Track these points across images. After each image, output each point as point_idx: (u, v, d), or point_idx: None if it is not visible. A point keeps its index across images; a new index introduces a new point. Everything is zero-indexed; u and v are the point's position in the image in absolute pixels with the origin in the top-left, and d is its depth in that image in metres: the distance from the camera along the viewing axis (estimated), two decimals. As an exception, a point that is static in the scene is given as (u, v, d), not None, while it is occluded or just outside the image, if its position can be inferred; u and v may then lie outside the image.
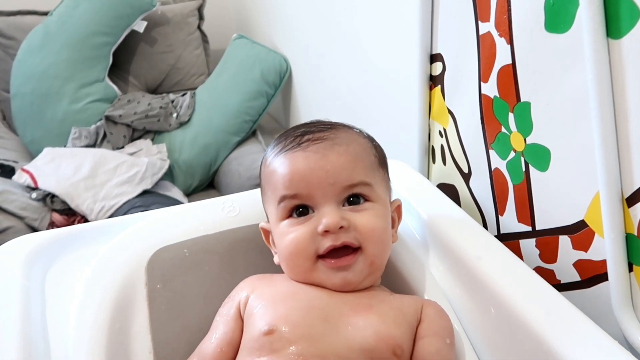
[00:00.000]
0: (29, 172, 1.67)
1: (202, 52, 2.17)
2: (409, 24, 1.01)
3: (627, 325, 0.64)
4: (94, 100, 1.88)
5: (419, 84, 0.97)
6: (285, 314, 0.62)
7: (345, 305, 0.64)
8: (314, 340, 0.60)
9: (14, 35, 1.95)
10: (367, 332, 0.61)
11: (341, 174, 0.65)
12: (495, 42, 0.77)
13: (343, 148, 0.67)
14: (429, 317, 0.66)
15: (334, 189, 0.65)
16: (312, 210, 0.66)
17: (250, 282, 0.70)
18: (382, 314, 0.64)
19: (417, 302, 0.67)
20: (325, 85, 1.64)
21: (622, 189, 0.63)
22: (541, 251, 0.78)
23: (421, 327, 0.65)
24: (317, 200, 0.65)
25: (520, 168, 0.78)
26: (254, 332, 0.62)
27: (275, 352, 0.60)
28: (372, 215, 0.66)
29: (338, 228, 0.63)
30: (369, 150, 0.70)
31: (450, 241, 0.75)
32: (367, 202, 0.67)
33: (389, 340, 0.62)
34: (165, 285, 0.71)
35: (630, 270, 0.65)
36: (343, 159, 0.66)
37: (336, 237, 0.64)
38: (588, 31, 0.60)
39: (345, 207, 0.66)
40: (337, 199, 0.65)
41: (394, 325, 0.63)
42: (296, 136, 0.69)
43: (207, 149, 1.85)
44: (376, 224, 0.66)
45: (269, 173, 0.69)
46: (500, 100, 0.78)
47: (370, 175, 0.68)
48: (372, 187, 0.67)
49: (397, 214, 0.74)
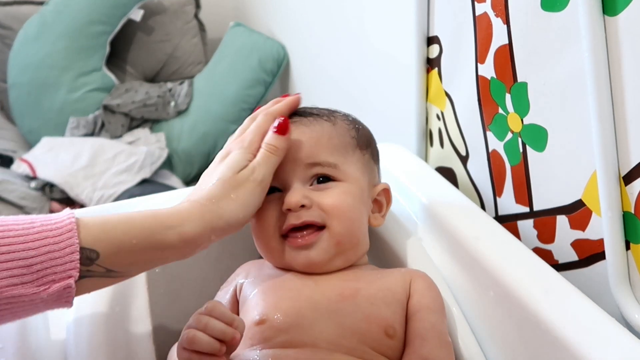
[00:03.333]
0: (27, 161, 1.67)
1: (200, 41, 2.16)
2: (405, 7, 1.00)
3: (624, 303, 0.64)
4: (91, 90, 1.88)
5: (416, 67, 0.97)
6: (275, 303, 0.62)
7: (333, 291, 0.64)
8: (305, 328, 0.60)
9: (11, 25, 1.95)
10: (358, 317, 0.61)
11: (302, 151, 0.66)
12: (491, 23, 0.77)
13: (307, 127, 0.68)
14: (418, 290, 0.66)
15: (295, 167, 0.65)
16: (281, 191, 0.66)
17: (246, 267, 0.71)
18: (370, 296, 0.63)
19: (404, 276, 0.67)
20: (323, 72, 1.63)
21: (619, 167, 0.63)
22: (539, 232, 0.78)
23: (411, 303, 0.65)
24: (282, 179, 0.66)
25: (517, 149, 0.78)
26: (247, 321, 0.62)
27: (266, 341, 0.60)
28: (336, 193, 0.66)
29: (299, 206, 0.63)
30: (343, 132, 0.70)
31: (449, 223, 0.75)
32: (333, 181, 0.67)
33: (380, 322, 0.62)
34: (163, 270, 0.71)
35: (628, 249, 0.65)
36: (305, 137, 0.67)
37: (297, 216, 0.64)
38: (584, 9, 0.60)
39: (311, 187, 0.66)
40: (301, 178, 0.66)
41: (384, 306, 0.63)
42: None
43: (206, 137, 1.85)
44: (340, 200, 0.65)
45: None
46: (497, 81, 0.78)
47: (337, 155, 0.67)
48: (338, 167, 0.67)
49: (385, 198, 0.73)
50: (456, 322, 0.67)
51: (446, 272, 0.73)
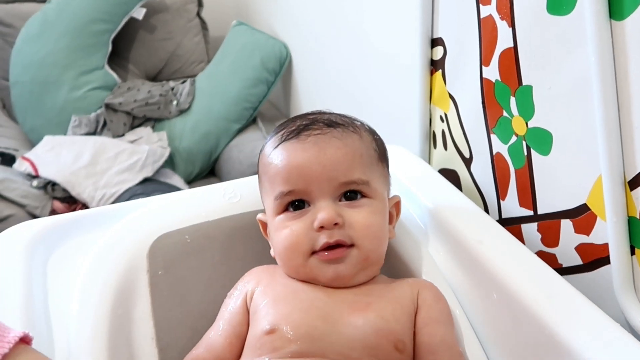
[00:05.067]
0: (29, 160, 1.67)
1: (202, 39, 2.16)
2: (409, 8, 1.00)
3: (628, 308, 0.64)
4: (93, 88, 1.88)
5: (419, 68, 0.96)
6: (287, 314, 0.62)
7: (344, 304, 0.64)
8: (315, 339, 0.60)
9: (13, 23, 1.94)
10: (368, 330, 0.61)
11: (338, 170, 0.65)
12: (496, 25, 0.76)
13: (342, 142, 0.66)
14: (426, 302, 0.66)
15: (330, 184, 0.65)
16: (308, 205, 0.65)
17: (255, 274, 0.70)
18: (380, 310, 0.63)
19: (412, 288, 0.67)
20: (326, 72, 1.63)
21: (625, 172, 0.63)
22: (543, 235, 0.78)
23: (420, 315, 0.65)
24: (313, 195, 0.65)
25: (522, 152, 0.78)
26: (257, 330, 0.63)
27: (276, 351, 0.60)
28: (368, 212, 0.65)
29: (333, 224, 0.63)
30: (369, 144, 0.69)
31: (452, 226, 0.75)
32: (364, 198, 0.66)
33: (389, 336, 0.62)
34: (167, 272, 0.71)
35: (632, 254, 0.65)
36: (341, 154, 0.65)
37: (331, 234, 0.63)
38: (590, 13, 0.60)
39: (341, 203, 0.65)
40: (333, 194, 0.65)
41: (394, 321, 0.63)
42: (295, 126, 0.68)
43: (208, 136, 1.85)
44: (372, 220, 0.65)
45: (266, 164, 0.69)
46: (502, 84, 0.78)
47: (369, 172, 0.67)
48: (370, 184, 0.66)
49: (395, 209, 0.73)
50: (460, 325, 0.67)
51: (449, 275, 0.72)
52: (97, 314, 0.64)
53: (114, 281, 0.67)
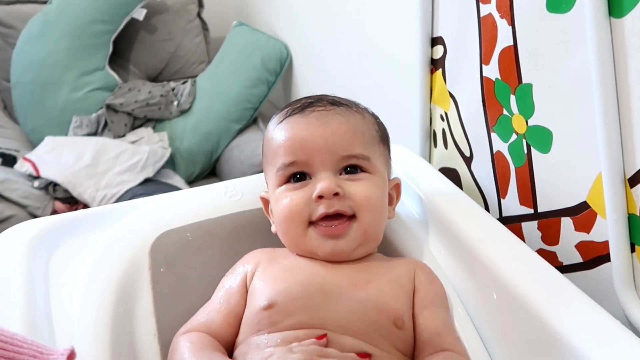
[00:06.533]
0: (30, 161, 1.67)
1: (202, 40, 2.16)
2: (409, 7, 1.00)
3: (629, 306, 0.64)
4: (94, 89, 1.88)
5: (420, 67, 0.97)
6: (284, 288, 0.63)
7: (344, 279, 0.64)
8: (313, 311, 0.61)
9: (14, 24, 1.95)
10: (368, 306, 0.62)
11: (340, 144, 0.66)
12: (496, 24, 0.77)
13: (344, 118, 0.68)
14: (422, 284, 0.67)
15: (332, 157, 0.66)
16: (310, 177, 0.67)
17: (254, 254, 0.71)
18: (380, 288, 0.64)
19: (409, 267, 0.68)
20: (326, 71, 1.63)
21: (625, 169, 0.63)
22: (543, 233, 0.78)
23: (418, 297, 0.66)
24: (314, 167, 0.66)
25: (522, 150, 0.78)
26: (254, 307, 0.63)
27: (274, 325, 0.61)
28: (368, 185, 0.67)
29: (332, 194, 0.64)
30: (370, 125, 0.71)
31: (453, 224, 0.75)
32: (364, 172, 0.67)
33: (389, 313, 0.63)
34: (168, 269, 0.71)
35: (633, 251, 0.65)
36: (344, 128, 0.67)
37: (330, 204, 0.64)
38: (590, 10, 0.60)
39: (342, 176, 0.67)
40: (334, 168, 0.66)
41: (393, 299, 0.64)
42: (300, 104, 0.70)
43: (209, 136, 1.85)
44: (372, 193, 0.66)
45: (270, 139, 0.70)
46: (502, 82, 0.78)
47: (369, 148, 0.68)
48: (370, 160, 0.68)
49: (395, 191, 0.74)
50: (461, 323, 0.67)
51: (450, 273, 0.73)
52: (100, 311, 0.64)
53: (116, 278, 0.67)
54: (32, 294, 0.65)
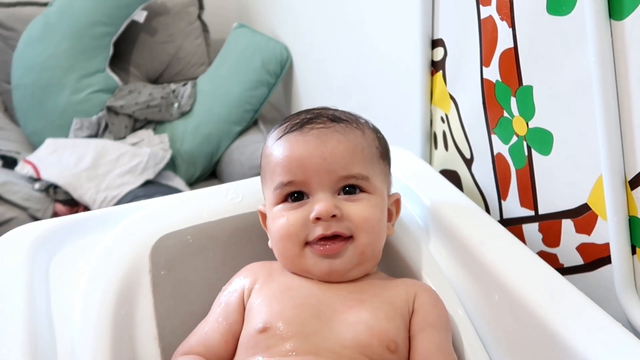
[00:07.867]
0: (31, 163, 1.67)
1: (203, 42, 2.17)
2: (410, 9, 1.00)
3: (630, 308, 0.64)
4: (95, 91, 1.88)
5: (420, 69, 0.97)
6: (279, 311, 0.62)
7: (338, 301, 0.64)
8: (307, 337, 0.60)
9: (14, 27, 1.95)
10: (360, 328, 0.61)
11: (339, 163, 0.65)
12: (496, 26, 0.77)
13: (344, 136, 0.66)
14: (423, 306, 0.65)
15: (330, 177, 0.65)
16: (307, 197, 0.66)
17: (252, 270, 0.70)
18: (373, 309, 0.63)
19: (409, 290, 0.67)
20: (327, 73, 1.63)
21: (625, 171, 0.63)
22: (544, 235, 0.78)
23: (416, 319, 0.64)
24: (312, 187, 0.65)
25: (522, 152, 0.78)
26: (250, 329, 0.63)
27: (269, 349, 0.60)
28: (367, 206, 0.65)
29: (330, 216, 0.63)
30: (371, 141, 0.69)
31: (453, 227, 0.75)
32: (362, 192, 0.66)
33: (381, 336, 0.61)
34: (169, 272, 0.71)
35: (634, 253, 0.65)
36: (343, 147, 0.66)
37: (327, 226, 0.63)
38: (590, 13, 0.60)
39: (340, 196, 0.65)
40: (332, 187, 0.65)
41: (386, 320, 0.63)
42: (299, 119, 0.68)
43: (209, 138, 1.85)
44: (370, 214, 0.65)
45: (268, 155, 0.69)
46: (502, 84, 0.78)
47: (369, 167, 0.67)
48: (369, 180, 0.67)
49: (395, 207, 0.73)
50: (462, 326, 0.67)
51: (451, 275, 0.72)
52: (100, 314, 0.64)
53: (116, 281, 0.67)
54: (33, 297, 0.65)
